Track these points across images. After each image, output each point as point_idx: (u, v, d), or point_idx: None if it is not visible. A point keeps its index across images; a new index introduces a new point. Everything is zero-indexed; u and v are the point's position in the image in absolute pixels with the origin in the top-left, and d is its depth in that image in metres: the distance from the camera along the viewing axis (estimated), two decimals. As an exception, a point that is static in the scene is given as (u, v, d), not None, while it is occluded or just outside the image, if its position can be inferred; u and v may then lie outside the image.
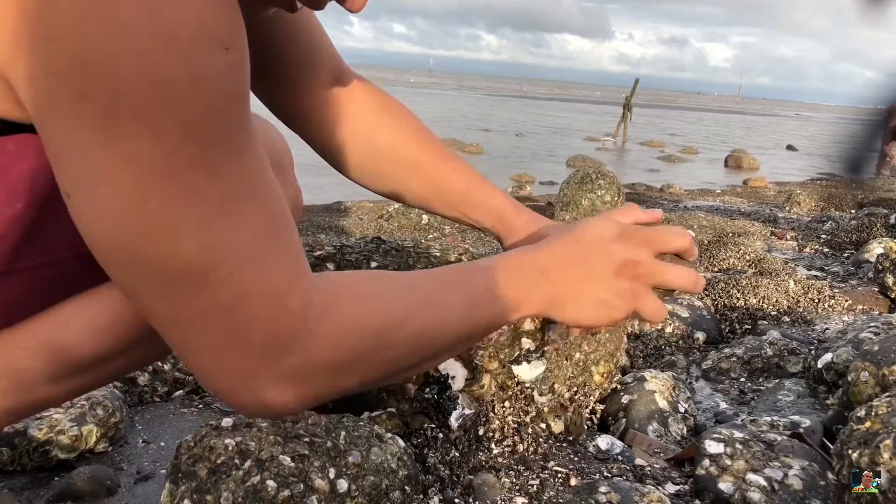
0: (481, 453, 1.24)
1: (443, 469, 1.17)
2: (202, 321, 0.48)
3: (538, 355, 1.29)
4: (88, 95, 0.41)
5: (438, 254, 1.40)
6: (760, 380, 1.71)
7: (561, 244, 0.68)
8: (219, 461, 0.98)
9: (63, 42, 0.40)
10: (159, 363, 1.53)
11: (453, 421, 1.26)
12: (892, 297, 2.27)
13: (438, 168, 0.95)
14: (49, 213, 0.56)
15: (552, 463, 1.23)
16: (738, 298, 2.16)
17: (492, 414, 1.28)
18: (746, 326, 2.07)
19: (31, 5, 0.41)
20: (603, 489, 1.09)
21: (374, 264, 1.41)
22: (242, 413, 0.58)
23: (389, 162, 0.94)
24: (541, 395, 1.31)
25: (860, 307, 2.22)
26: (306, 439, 1.01)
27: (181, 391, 1.53)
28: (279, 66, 0.88)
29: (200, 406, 1.49)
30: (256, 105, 0.91)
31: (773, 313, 2.11)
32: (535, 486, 1.15)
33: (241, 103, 0.48)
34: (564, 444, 1.31)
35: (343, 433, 1.05)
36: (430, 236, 4.54)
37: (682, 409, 1.44)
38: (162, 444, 1.35)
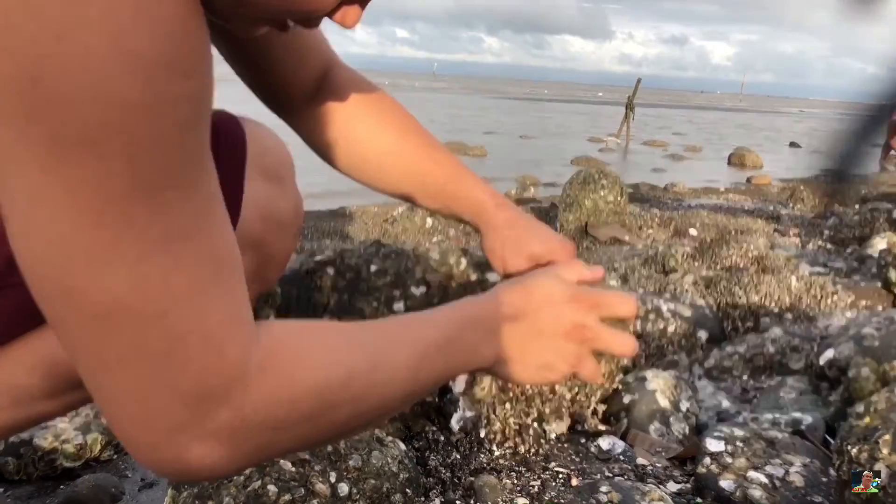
0: (482, 455, 1.24)
1: (444, 471, 1.18)
2: (130, 363, 0.45)
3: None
4: (37, 115, 0.39)
5: (437, 257, 1.41)
6: (763, 377, 1.71)
7: (512, 301, 0.67)
8: (220, 467, 0.99)
9: (15, 59, 0.38)
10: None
11: (454, 423, 1.26)
12: (896, 292, 2.26)
13: (419, 158, 0.93)
14: None
15: (553, 464, 1.24)
16: (740, 296, 2.16)
17: (493, 416, 1.29)
18: (749, 324, 2.06)
19: None
20: (604, 489, 1.09)
21: (373, 267, 1.41)
22: (161, 474, 0.54)
23: (371, 152, 0.93)
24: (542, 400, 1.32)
25: (863, 303, 2.21)
26: (307, 444, 1.01)
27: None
28: (267, 59, 0.87)
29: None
30: (259, 108, 0.91)
31: (775, 311, 2.11)
32: (536, 487, 1.16)
33: (197, 135, 0.45)
34: (566, 445, 1.31)
35: (344, 437, 1.05)
36: (435, 239, 4.54)
37: (683, 408, 1.44)
38: (166, 450, 1.36)
